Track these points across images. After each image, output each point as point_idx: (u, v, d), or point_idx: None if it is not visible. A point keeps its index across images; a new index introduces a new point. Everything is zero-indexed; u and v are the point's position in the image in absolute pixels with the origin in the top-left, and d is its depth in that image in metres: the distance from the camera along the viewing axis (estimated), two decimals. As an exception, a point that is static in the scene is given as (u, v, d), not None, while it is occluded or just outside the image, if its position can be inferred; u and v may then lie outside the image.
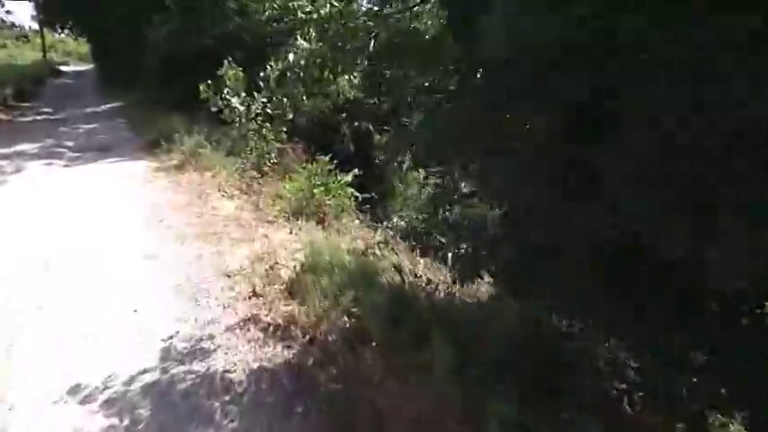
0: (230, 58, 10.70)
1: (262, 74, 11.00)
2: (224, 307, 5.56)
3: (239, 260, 6.55)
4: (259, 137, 10.87)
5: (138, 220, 7.74)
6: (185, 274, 6.19)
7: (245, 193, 9.33)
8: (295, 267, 6.26)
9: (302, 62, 4.74)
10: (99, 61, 32.02)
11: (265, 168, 10.68)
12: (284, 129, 11.40)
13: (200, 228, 7.49)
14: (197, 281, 6.04)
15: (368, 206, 11.44)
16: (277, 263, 6.28)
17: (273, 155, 11.00)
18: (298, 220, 8.10)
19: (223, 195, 8.99)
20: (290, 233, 7.60)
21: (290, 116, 11.49)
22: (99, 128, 15.39)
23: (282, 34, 14.53)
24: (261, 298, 5.70)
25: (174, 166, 10.24)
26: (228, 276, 6.16)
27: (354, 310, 5.22)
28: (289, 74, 5.09)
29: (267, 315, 5.37)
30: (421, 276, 6.45)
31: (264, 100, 10.97)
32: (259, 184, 9.97)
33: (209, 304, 5.60)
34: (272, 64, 10.92)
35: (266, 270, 6.23)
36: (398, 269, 6.15)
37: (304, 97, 9.87)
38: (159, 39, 15.16)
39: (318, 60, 4.82)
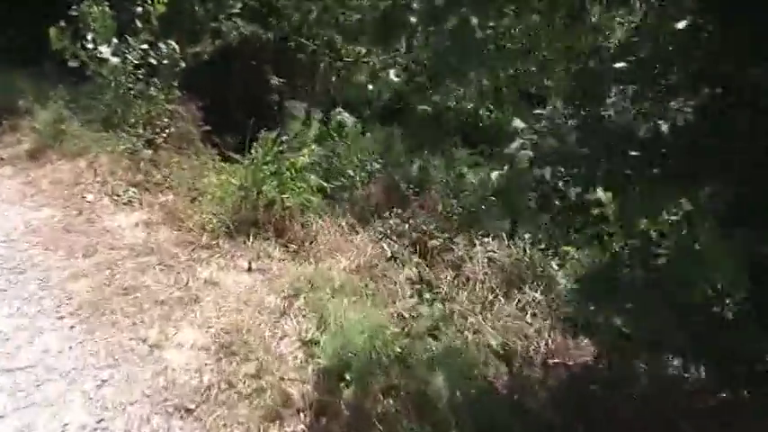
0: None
1: (139, 9, 7.20)
2: None
3: (191, 360, 3.32)
4: (144, 98, 7.16)
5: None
6: (94, 423, 2.88)
7: (147, 190, 5.79)
8: (304, 362, 3.18)
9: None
10: None
11: (159, 140, 7.05)
12: (175, 83, 7.73)
13: (95, 281, 4.04)
14: (126, 437, 2.78)
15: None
16: (287, 379, 3.11)
17: (166, 120, 7.37)
18: (248, 237, 4.84)
19: (115, 201, 5.41)
20: (250, 269, 4.37)
21: (182, 65, 7.80)
22: None
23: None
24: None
25: (26, 152, 6.32)
26: (189, 412, 2.94)
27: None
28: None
29: None
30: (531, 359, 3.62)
31: (146, 46, 7.21)
32: (156, 167, 6.41)
33: None
34: (154, -6, 7.17)
35: (253, 380, 3.09)
36: (505, 356, 3.28)
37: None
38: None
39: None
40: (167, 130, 7.19)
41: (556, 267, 5.16)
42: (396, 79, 3.71)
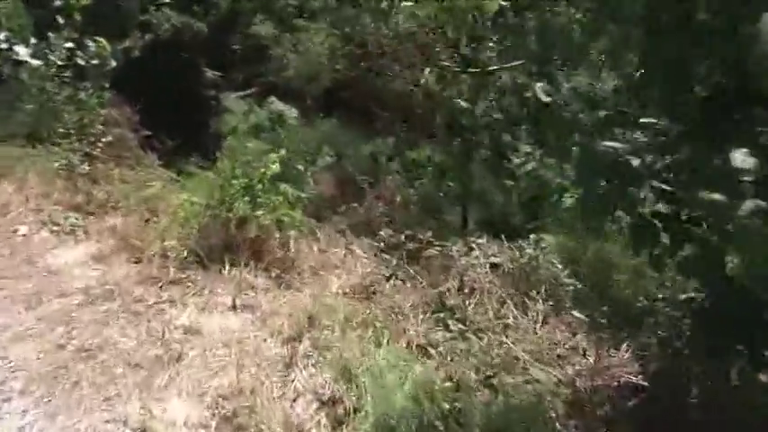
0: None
1: (58, 2, 6.20)
2: None
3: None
4: (74, 104, 6.19)
5: None
6: None
7: (90, 214, 4.91)
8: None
9: None
10: None
11: (95, 152, 6.10)
12: (107, 85, 6.80)
13: (47, 342, 3.22)
14: None
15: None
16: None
17: (100, 128, 6.42)
18: (223, 265, 4.09)
19: (55, 231, 4.51)
20: (234, 308, 3.64)
21: (113, 63, 6.86)
22: None
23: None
24: None
25: (-67, 179, 5.27)
26: None
27: None
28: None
29: None
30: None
31: (70, 44, 6.23)
32: (95, 183, 5.53)
33: None
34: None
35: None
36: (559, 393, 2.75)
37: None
38: None
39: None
40: (103, 140, 6.24)
41: (560, 266, 4.67)
42: (546, 98, 2.95)
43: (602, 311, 4.02)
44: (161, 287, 3.80)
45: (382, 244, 4.44)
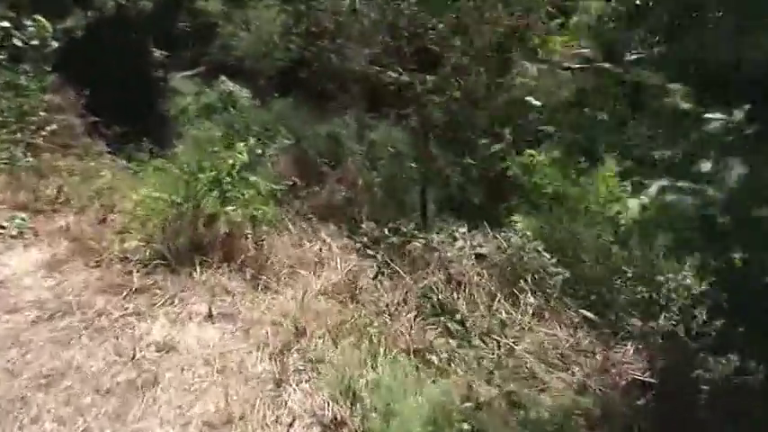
0: None
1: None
2: None
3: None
4: (12, 89, 5.64)
5: None
6: None
7: (38, 212, 4.44)
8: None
9: None
10: None
11: (38, 141, 5.59)
12: (48, 68, 6.22)
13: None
14: None
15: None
16: None
17: (43, 115, 5.90)
18: (194, 268, 3.70)
19: (0, 235, 4.01)
20: (211, 317, 3.28)
21: (55, 44, 6.26)
22: None
23: None
24: None
25: None
26: None
27: None
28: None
29: None
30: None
31: (6, 24, 5.64)
32: (42, 177, 5.03)
33: None
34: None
35: None
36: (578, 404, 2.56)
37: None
38: None
39: None
40: (47, 128, 5.72)
41: (548, 256, 4.45)
42: (686, 105, 2.46)
43: (592, 302, 3.85)
44: (125, 297, 3.39)
45: (365, 238, 4.11)
